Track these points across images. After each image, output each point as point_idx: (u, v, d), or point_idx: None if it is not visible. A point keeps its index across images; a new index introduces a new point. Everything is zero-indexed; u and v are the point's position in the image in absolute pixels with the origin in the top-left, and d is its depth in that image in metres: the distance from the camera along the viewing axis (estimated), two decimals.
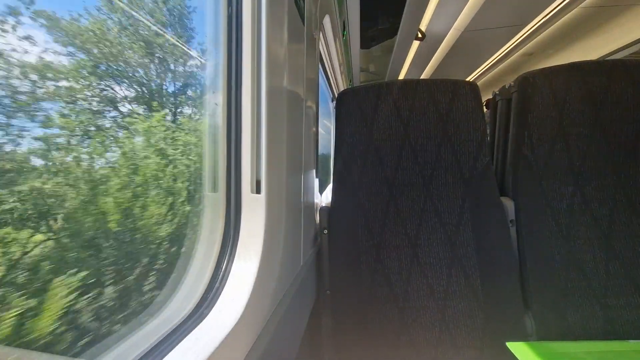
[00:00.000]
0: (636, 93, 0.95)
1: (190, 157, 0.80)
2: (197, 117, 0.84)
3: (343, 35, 1.84)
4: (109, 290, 0.61)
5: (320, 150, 1.37)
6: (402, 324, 0.93)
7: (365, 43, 2.23)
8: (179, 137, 0.79)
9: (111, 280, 0.62)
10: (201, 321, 0.49)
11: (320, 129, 1.99)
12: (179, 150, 0.78)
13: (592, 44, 2.67)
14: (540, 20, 2.42)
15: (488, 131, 1.15)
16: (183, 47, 0.80)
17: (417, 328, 0.92)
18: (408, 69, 3.55)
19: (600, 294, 0.90)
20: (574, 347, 0.61)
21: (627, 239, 0.92)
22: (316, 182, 1.13)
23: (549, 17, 2.36)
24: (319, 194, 1.31)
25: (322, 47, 1.73)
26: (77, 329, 0.54)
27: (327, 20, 1.40)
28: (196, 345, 0.43)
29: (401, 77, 3.71)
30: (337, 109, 1.05)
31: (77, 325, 0.54)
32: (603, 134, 0.96)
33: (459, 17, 2.38)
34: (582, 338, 0.88)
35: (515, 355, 0.56)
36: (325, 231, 1.00)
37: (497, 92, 1.13)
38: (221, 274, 0.55)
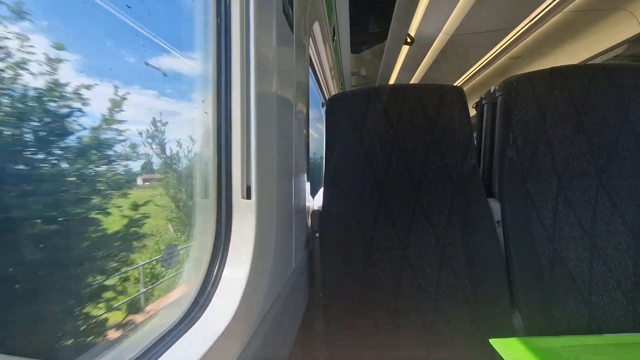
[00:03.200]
0: (616, 96, 0.98)
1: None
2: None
3: (333, 40, 1.86)
4: (102, 292, 0.62)
5: (313, 153, 1.38)
6: (394, 324, 0.94)
7: (356, 48, 2.25)
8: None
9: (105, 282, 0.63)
10: (192, 325, 0.49)
11: (313, 132, 2.00)
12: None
13: (576, 48, 2.74)
14: (526, 25, 2.48)
15: (475, 134, 1.18)
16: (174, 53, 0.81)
17: (409, 329, 0.94)
18: (398, 72, 3.60)
19: (585, 291, 0.92)
20: (554, 342, 0.63)
21: (610, 237, 0.95)
22: (308, 185, 1.15)
23: (535, 21, 2.42)
24: (311, 197, 1.32)
25: (312, 52, 1.75)
26: (68, 332, 0.54)
27: (316, 26, 1.42)
28: (187, 348, 0.44)
29: (392, 80, 3.75)
30: (327, 114, 1.06)
31: (68, 329, 0.54)
32: (585, 136, 0.99)
33: (447, 22, 2.42)
34: (568, 334, 0.90)
35: (497, 350, 0.58)
36: (317, 234, 1.01)
37: (483, 96, 1.16)
38: (212, 278, 0.56)
